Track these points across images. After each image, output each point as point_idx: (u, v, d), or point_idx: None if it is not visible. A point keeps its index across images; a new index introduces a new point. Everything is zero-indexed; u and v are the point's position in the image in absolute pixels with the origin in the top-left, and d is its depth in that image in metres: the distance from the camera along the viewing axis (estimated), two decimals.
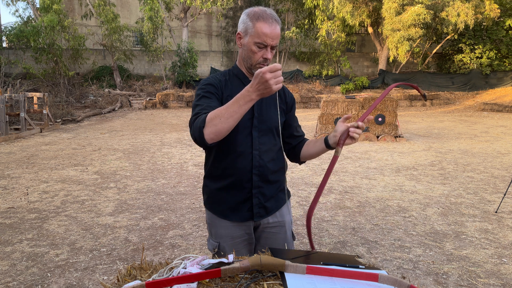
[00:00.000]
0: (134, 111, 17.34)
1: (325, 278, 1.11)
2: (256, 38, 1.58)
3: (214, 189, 1.75)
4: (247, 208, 1.72)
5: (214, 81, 1.68)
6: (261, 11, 1.59)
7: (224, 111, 1.41)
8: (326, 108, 9.64)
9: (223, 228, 1.75)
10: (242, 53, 1.67)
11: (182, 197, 4.98)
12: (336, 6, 19.19)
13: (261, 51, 1.61)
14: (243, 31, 1.62)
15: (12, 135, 9.74)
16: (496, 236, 3.75)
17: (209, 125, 1.42)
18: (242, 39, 1.63)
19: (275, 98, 1.77)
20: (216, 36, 25.55)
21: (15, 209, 4.53)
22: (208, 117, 1.42)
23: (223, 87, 1.67)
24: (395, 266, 3.14)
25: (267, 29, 1.57)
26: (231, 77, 1.73)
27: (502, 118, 14.44)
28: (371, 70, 24.89)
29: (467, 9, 17.37)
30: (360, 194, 5.14)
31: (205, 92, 1.64)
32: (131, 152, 8.00)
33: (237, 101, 1.40)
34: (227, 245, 1.73)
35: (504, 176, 6.06)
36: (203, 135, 1.42)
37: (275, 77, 1.35)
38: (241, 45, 1.65)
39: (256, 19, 1.57)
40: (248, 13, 1.61)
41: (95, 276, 3.00)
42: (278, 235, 1.79)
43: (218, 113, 1.41)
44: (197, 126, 1.44)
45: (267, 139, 1.74)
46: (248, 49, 1.62)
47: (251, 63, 1.64)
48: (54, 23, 17.69)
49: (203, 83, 1.69)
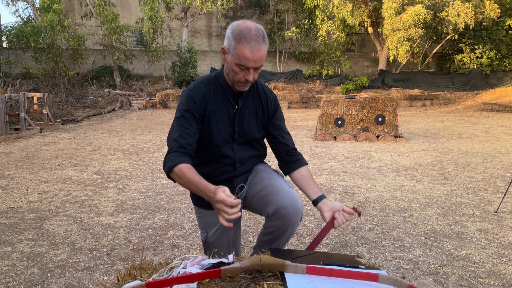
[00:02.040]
0: (134, 111, 17.34)
1: (325, 278, 1.11)
2: (237, 60, 1.54)
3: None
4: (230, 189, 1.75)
5: (197, 96, 1.65)
6: (246, 30, 1.51)
7: (187, 181, 1.53)
8: (326, 108, 9.64)
9: (209, 216, 1.79)
10: (226, 66, 1.66)
11: (182, 197, 4.98)
12: (336, 6, 19.19)
13: (242, 72, 1.58)
14: (227, 47, 1.58)
15: (12, 135, 9.74)
16: (496, 236, 3.75)
17: (175, 176, 1.57)
18: (226, 55, 1.61)
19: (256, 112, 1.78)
20: (216, 36, 25.55)
21: (15, 209, 4.53)
22: (176, 170, 1.54)
23: (206, 101, 1.65)
24: (395, 266, 3.14)
25: (248, 53, 1.51)
26: (216, 87, 1.69)
27: (502, 118, 14.44)
28: (371, 70, 24.89)
29: (467, 9, 17.37)
30: (360, 194, 5.14)
31: (185, 112, 1.64)
32: (131, 152, 8.00)
33: (196, 188, 1.50)
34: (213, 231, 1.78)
35: (504, 176, 6.06)
36: (167, 175, 1.62)
37: (225, 213, 1.34)
38: (225, 59, 1.62)
39: (239, 40, 1.51)
40: (233, 30, 1.55)
41: (95, 276, 3.00)
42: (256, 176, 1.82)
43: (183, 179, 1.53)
44: (166, 167, 1.59)
45: (248, 149, 1.79)
46: (230, 67, 1.60)
47: (233, 80, 1.63)
48: (54, 23, 17.69)
49: (186, 97, 1.66)
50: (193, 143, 1.63)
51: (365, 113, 9.51)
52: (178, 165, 1.53)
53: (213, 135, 1.67)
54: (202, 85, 1.69)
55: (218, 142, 1.68)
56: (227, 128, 1.69)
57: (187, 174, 1.51)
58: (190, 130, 1.61)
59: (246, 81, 1.60)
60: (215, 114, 1.67)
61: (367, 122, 9.57)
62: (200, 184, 1.48)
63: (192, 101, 1.64)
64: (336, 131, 9.64)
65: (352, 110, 9.54)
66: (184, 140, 1.59)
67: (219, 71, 1.73)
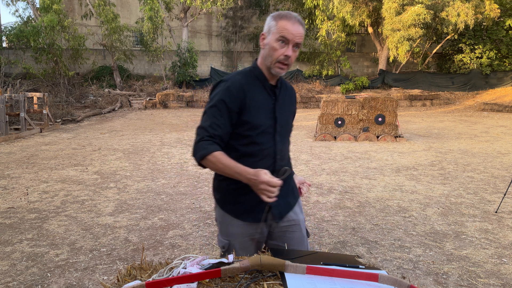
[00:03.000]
0: (134, 111, 17.34)
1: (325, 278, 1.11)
2: (277, 34, 1.61)
3: (230, 189, 1.73)
4: (262, 209, 1.71)
5: (234, 87, 1.65)
6: (285, 12, 1.66)
7: (222, 167, 1.55)
8: (326, 108, 9.64)
9: (235, 226, 1.74)
10: (263, 53, 1.69)
11: (182, 197, 4.98)
12: (336, 6, 19.19)
13: (283, 48, 1.62)
14: (267, 31, 1.66)
15: (12, 135, 9.74)
16: (496, 236, 3.75)
17: (208, 162, 1.57)
18: (265, 39, 1.67)
19: (289, 105, 1.82)
20: (216, 36, 25.55)
21: (15, 209, 4.53)
22: (210, 157, 1.56)
23: (245, 92, 1.66)
24: (395, 266, 3.14)
25: (289, 25, 1.61)
26: (253, 78, 1.71)
27: (502, 118, 14.44)
28: (371, 70, 24.89)
29: (467, 9, 17.37)
30: (360, 194, 5.14)
31: (220, 102, 1.63)
32: (131, 152, 8.01)
33: (234, 172, 1.54)
34: (237, 243, 1.73)
35: (504, 176, 6.06)
36: (198, 161, 1.60)
37: (266, 190, 1.44)
38: (263, 45, 1.68)
39: (280, 18, 1.63)
40: (273, 15, 1.67)
41: (95, 276, 2.99)
42: (294, 234, 1.80)
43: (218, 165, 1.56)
44: (198, 154, 1.58)
45: (285, 142, 1.80)
46: (270, 47, 1.64)
47: (271, 61, 1.65)
48: (54, 23, 17.69)
49: (222, 87, 1.66)
50: (222, 135, 1.63)
51: (365, 113, 9.51)
52: (212, 152, 1.55)
53: (255, 124, 1.66)
54: (239, 76, 1.69)
55: (260, 132, 1.68)
56: (268, 119, 1.70)
57: (223, 160, 1.55)
58: (221, 122, 1.61)
59: (285, 58, 1.62)
60: (256, 104, 1.67)
61: (367, 122, 9.57)
62: (238, 168, 1.53)
63: (229, 92, 1.63)
64: (336, 131, 9.64)
65: (352, 110, 9.54)
66: (214, 130, 1.60)
67: (253, 65, 1.75)
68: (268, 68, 1.68)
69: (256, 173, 1.47)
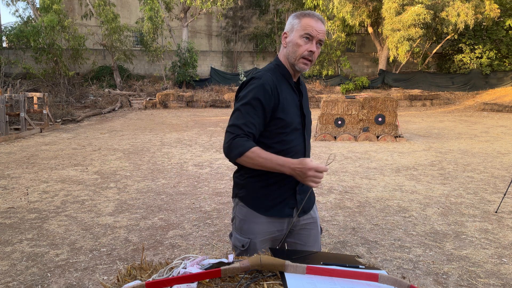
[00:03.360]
0: (134, 111, 17.35)
1: (325, 278, 1.11)
2: (302, 31, 1.64)
3: (258, 186, 1.73)
4: (290, 205, 1.73)
5: (269, 84, 1.63)
6: (308, 11, 1.69)
7: (263, 160, 1.55)
8: (326, 108, 9.64)
9: (258, 224, 1.73)
10: (286, 52, 1.70)
11: (182, 197, 4.98)
12: (336, 6, 19.19)
13: (307, 43, 1.65)
14: (289, 30, 1.68)
15: (12, 135, 9.74)
16: (496, 236, 3.75)
17: (247, 158, 1.56)
18: (288, 37, 1.69)
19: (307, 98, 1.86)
20: (216, 36, 25.55)
21: (15, 209, 4.53)
22: (249, 153, 1.54)
23: (278, 89, 1.66)
24: (395, 266, 3.14)
25: (313, 23, 1.64)
26: (280, 75, 1.72)
27: (502, 118, 14.44)
28: (371, 70, 24.90)
29: (467, 9, 17.38)
30: (360, 194, 5.14)
31: (254, 100, 1.60)
32: (131, 152, 8.01)
33: (276, 164, 1.54)
34: (258, 242, 1.72)
35: (504, 176, 6.06)
36: (235, 159, 1.58)
37: (315, 177, 1.49)
38: (286, 44, 1.69)
39: (303, 16, 1.65)
40: (295, 14, 1.70)
41: (95, 276, 3.00)
42: (311, 231, 1.83)
43: (258, 159, 1.55)
44: (236, 152, 1.55)
45: (309, 137, 1.84)
46: (294, 43, 1.66)
47: (295, 57, 1.66)
48: (54, 23, 17.69)
49: (256, 85, 1.63)
50: (256, 134, 1.62)
51: (365, 113, 9.51)
52: (250, 148, 1.55)
53: (288, 122, 1.68)
54: (270, 73, 1.68)
55: (291, 130, 1.69)
56: (297, 116, 1.72)
57: (262, 154, 1.55)
58: (255, 120, 1.60)
59: (310, 53, 1.65)
60: (287, 102, 1.68)
61: (367, 122, 9.57)
62: (280, 159, 1.54)
63: (264, 89, 1.61)
64: (336, 131, 9.64)
65: (352, 110, 9.54)
66: (248, 128, 1.58)
67: (276, 62, 1.75)
68: (292, 65, 1.70)
69: (302, 162, 1.50)
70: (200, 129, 11.50)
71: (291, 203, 1.74)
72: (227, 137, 1.59)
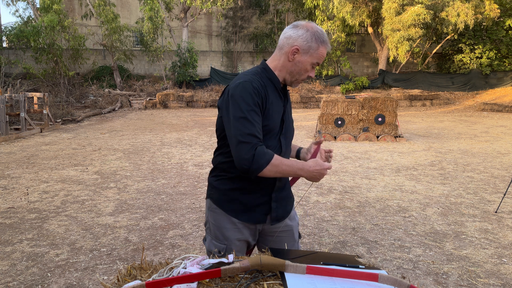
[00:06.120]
0: (134, 111, 17.35)
1: (325, 278, 1.11)
2: (315, 59, 1.63)
3: (228, 189, 1.70)
4: (263, 211, 1.71)
5: (259, 88, 1.60)
6: (322, 34, 1.63)
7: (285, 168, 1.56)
8: (326, 108, 9.64)
9: (231, 230, 1.71)
10: (290, 66, 1.64)
11: (182, 197, 4.99)
12: (336, 6, 19.19)
13: (312, 71, 1.67)
14: (305, 49, 1.61)
15: (12, 135, 9.74)
16: (496, 236, 3.75)
17: (270, 168, 1.53)
18: (298, 56, 1.62)
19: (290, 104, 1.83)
20: (216, 36, 25.55)
21: (15, 209, 4.53)
22: (274, 162, 1.54)
23: (266, 93, 1.63)
24: (395, 266, 3.14)
25: (325, 52, 1.65)
26: (266, 81, 1.67)
27: (502, 118, 14.44)
28: (371, 70, 24.90)
29: (467, 9, 17.38)
30: (360, 194, 5.14)
31: (256, 106, 1.56)
32: (131, 152, 8.01)
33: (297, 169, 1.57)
34: (235, 246, 1.72)
35: (504, 176, 6.06)
36: (261, 169, 1.53)
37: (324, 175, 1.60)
38: (293, 59, 1.63)
39: (321, 42, 1.61)
40: (314, 33, 1.61)
41: (95, 276, 3.00)
42: (283, 239, 1.80)
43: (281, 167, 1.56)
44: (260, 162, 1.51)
45: (289, 143, 1.81)
46: (302, 67, 1.64)
47: (297, 78, 1.67)
48: (54, 23, 17.70)
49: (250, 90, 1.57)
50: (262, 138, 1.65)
51: (365, 113, 9.51)
52: (273, 155, 1.55)
53: (271, 128, 1.65)
54: (257, 77, 1.64)
55: (271, 135, 1.67)
56: (279, 121, 1.70)
57: (285, 161, 1.56)
58: (260, 125, 1.59)
59: (308, 78, 1.70)
60: (272, 106, 1.65)
61: (367, 122, 9.57)
62: (299, 163, 1.57)
63: (258, 93, 1.58)
64: (336, 131, 9.64)
65: (352, 110, 9.54)
66: (260, 135, 1.57)
67: (263, 66, 1.70)
68: (287, 80, 1.69)
69: (318, 163, 1.55)
70: (200, 129, 11.50)
71: (264, 210, 1.70)
72: (245, 148, 1.50)
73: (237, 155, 1.52)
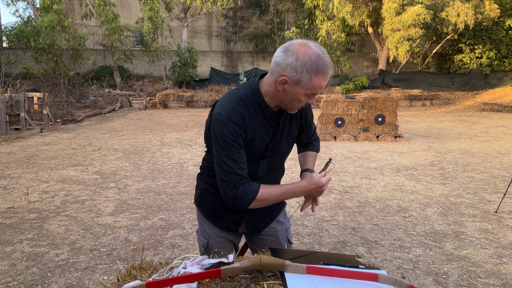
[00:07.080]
0: (134, 111, 17.35)
1: (325, 278, 1.11)
2: (309, 91, 1.42)
3: (204, 188, 1.73)
4: (233, 221, 1.71)
5: (238, 122, 1.47)
6: (318, 61, 1.39)
7: (275, 196, 1.50)
8: (326, 108, 9.64)
9: (209, 226, 1.76)
10: (281, 95, 1.47)
11: (182, 197, 4.99)
12: (336, 6, 19.19)
13: (310, 99, 1.48)
14: (294, 80, 1.40)
15: (12, 135, 9.74)
16: (496, 236, 3.75)
17: (259, 201, 1.49)
18: (288, 86, 1.42)
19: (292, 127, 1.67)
20: (216, 36, 25.55)
21: (15, 209, 4.53)
22: (259, 196, 1.48)
23: (246, 126, 1.51)
24: (395, 266, 3.14)
25: (323, 82, 1.43)
26: (255, 108, 1.53)
27: (502, 118, 14.44)
28: (371, 70, 24.90)
29: (467, 9, 17.38)
30: (360, 194, 5.14)
31: (235, 142, 1.47)
32: (131, 152, 8.01)
33: (290, 194, 1.52)
34: (215, 243, 1.75)
35: (504, 176, 6.06)
36: (246, 208, 1.50)
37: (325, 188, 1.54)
38: (282, 88, 1.44)
39: (315, 74, 1.39)
40: (305, 63, 1.37)
41: (95, 276, 3.00)
42: (267, 242, 1.78)
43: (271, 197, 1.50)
44: (247, 200, 1.47)
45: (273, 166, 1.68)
46: (295, 97, 1.45)
47: (291, 106, 1.50)
48: (54, 23, 17.70)
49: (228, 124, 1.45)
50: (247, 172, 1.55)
51: (365, 113, 9.51)
52: (258, 191, 1.48)
53: (252, 154, 1.57)
54: (240, 108, 1.48)
55: (251, 159, 1.58)
56: (263, 148, 1.59)
57: (273, 191, 1.50)
58: (243, 158, 1.50)
59: (306, 104, 1.52)
60: (254, 138, 1.54)
61: (367, 122, 9.57)
62: (290, 188, 1.51)
63: (240, 126, 1.47)
64: (336, 131, 9.64)
65: (352, 110, 9.54)
66: (243, 171, 1.48)
67: (254, 88, 1.53)
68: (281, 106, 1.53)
69: (312, 182, 1.50)
70: (200, 129, 11.50)
71: (237, 221, 1.71)
72: (226, 187, 1.47)
73: (222, 191, 1.51)
